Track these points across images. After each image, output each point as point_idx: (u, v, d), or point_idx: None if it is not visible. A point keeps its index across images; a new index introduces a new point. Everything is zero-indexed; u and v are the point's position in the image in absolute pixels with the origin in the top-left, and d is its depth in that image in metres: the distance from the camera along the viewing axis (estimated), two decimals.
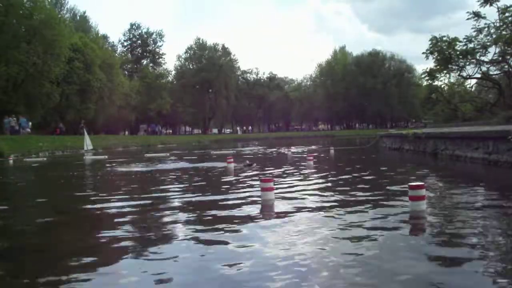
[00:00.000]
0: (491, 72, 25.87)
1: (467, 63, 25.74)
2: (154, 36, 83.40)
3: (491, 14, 24.24)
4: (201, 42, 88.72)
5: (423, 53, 26.55)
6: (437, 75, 27.63)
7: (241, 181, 9.72)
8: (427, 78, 28.74)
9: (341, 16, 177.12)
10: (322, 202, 6.42)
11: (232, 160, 13.96)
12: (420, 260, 3.49)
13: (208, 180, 10.63)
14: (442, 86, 29.57)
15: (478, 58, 24.95)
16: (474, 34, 24.34)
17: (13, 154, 24.56)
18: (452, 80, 30.10)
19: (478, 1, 24.10)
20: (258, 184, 7.32)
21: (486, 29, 24.02)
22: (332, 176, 10.09)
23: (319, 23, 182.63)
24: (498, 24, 23.71)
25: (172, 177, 11.51)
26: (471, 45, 24.59)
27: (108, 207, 6.54)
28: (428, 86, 32.28)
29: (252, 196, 7.07)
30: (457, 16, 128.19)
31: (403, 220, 5.01)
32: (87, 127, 35.38)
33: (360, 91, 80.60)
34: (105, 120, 53.59)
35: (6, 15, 34.31)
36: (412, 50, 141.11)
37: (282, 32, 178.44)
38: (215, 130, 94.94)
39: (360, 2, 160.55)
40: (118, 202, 6.94)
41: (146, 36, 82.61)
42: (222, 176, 11.31)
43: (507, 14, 23.25)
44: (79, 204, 7.17)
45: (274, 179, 7.16)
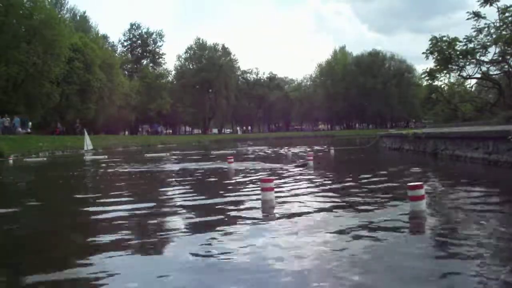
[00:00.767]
0: (491, 72, 25.85)
1: (467, 63, 25.73)
2: (154, 36, 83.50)
3: (491, 14, 24.23)
4: (201, 42, 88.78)
5: (423, 53, 26.54)
6: (437, 75, 27.62)
7: (241, 181, 9.73)
8: (427, 78, 28.73)
9: (341, 16, 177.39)
10: (321, 202, 6.41)
11: (232, 160, 13.94)
12: (420, 260, 3.49)
13: (208, 180, 10.62)
14: (442, 86, 29.56)
15: (478, 58, 24.94)
16: (474, 34, 24.34)
17: (13, 154, 24.56)
18: (452, 80, 30.09)
19: (478, 1, 24.09)
20: (258, 184, 7.31)
21: (486, 29, 24.01)
22: (331, 176, 10.08)
23: (319, 23, 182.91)
24: (498, 24, 23.70)
25: (172, 177, 11.50)
26: (471, 45, 24.57)
27: (108, 210, 6.33)
28: (428, 86, 32.27)
29: (252, 196, 7.07)
30: (457, 16, 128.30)
31: (403, 220, 5.01)
32: (86, 127, 35.29)
33: (360, 91, 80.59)
34: (105, 120, 53.60)
35: (6, 15, 34.32)
36: (412, 50, 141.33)
37: (282, 32, 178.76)
38: (215, 130, 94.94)
39: (360, 2, 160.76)
40: (119, 205, 6.72)
41: (146, 36, 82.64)
42: (222, 176, 11.30)
43: (507, 14, 23.24)
44: (77, 205, 7.11)
45: (274, 179, 7.15)
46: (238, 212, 5.84)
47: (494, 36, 23.68)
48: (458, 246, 3.84)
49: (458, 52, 25.05)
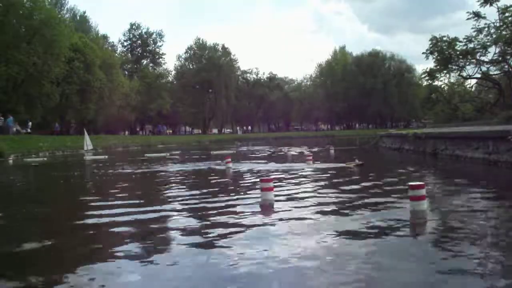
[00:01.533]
0: (491, 72, 25.88)
1: (467, 63, 25.76)
2: (154, 36, 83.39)
3: (491, 14, 24.25)
4: (201, 42, 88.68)
5: (423, 53, 26.57)
6: (437, 75, 27.65)
7: (241, 181, 9.73)
8: (427, 78, 28.76)
9: (341, 16, 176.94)
10: (321, 202, 6.41)
11: (230, 160, 13.93)
12: (420, 260, 3.48)
13: (208, 181, 10.62)
14: (442, 86, 29.59)
15: (478, 58, 24.96)
16: (474, 34, 24.36)
17: (13, 154, 24.56)
18: (452, 80, 30.14)
19: (478, 1, 24.11)
20: (258, 185, 7.31)
21: (486, 29, 24.04)
22: (331, 176, 10.08)
23: (319, 23, 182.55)
24: (498, 24, 23.71)
25: (172, 178, 11.47)
26: (471, 45, 24.60)
27: (107, 214, 6.14)
28: (428, 86, 32.29)
29: (252, 196, 7.07)
30: (457, 16, 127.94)
31: (403, 220, 5.01)
32: (86, 127, 35.21)
33: (360, 91, 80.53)
34: (105, 120, 53.57)
35: (6, 15, 34.29)
36: (412, 50, 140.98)
37: (282, 32, 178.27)
38: (215, 130, 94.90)
39: (360, 2, 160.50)
40: (120, 209, 6.47)
41: (146, 36, 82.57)
42: (222, 177, 11.30)
43: (507, 14, 23.26)
44: (76, 207, 7.10)
45: (274, 179, 7.16)
46: (237, 211, 5.84)
47: (494, 36, 23.69)
48: (458, 247, 3.84)
49: (458, 52, 25.07)
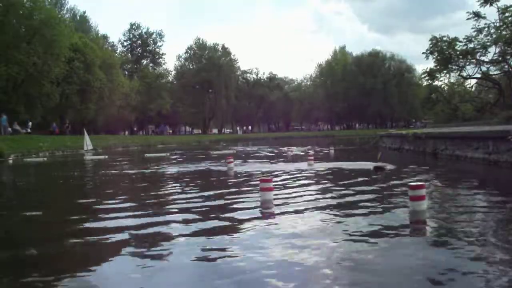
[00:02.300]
0: (491, 72, 25.90)
1: (467, 63, 25.80)
2: (154, 36, 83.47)
3: (491, 14, 24.29)
4: (201, 42, 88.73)
5: (423, 53, 26.62)
6: (437, 75, 27.69)
7: (241, 182, 9.73)
8: (427, 78, 28.80)
9: (341, 16, 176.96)
10: (321, 202, 6.41)
11: (232, 160, 13.92)
12: (420, 261, 3.48)
13: (208, 182, 10.62)
14: (442, 86, 29.63)
15: (478, 58, 25.00)
16: (474, 34, 24.40)
17: (13, 154, 24.56)
18: (452, 80, 30.18)
19: (478, 1, 24.14)
20: (257, 185, 7.30)
21: (486, 29, 24.08)
22: (331, 176, 10.08)
23: (319, 23, 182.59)
24: (498, 24, 23.74)
25: (172, 179, 11.47)
26: (471, 45, 24.64)
27: (108, 216, 5.97)
28: (428, 86, 32.33)
29: (252, 197, 7.07)
30: (457, 16, 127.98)
31: (403, 220, 5.01)
32: (85, 127, 35.23)
33: (360, 91, 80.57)
34: (105, 120, 53.57)
35: (6, 15, 34.29)
36: (412, 50, 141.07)
37: (282, 32, 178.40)
38: (215, 130, 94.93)
39: (360, 2, 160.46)
40: (120, 212, 6.23)
41: (146, 36, 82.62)
42: (222, 177, 11.30)
43: (507, 14, 23.28)
44: (76, 210, 6.93)
45: (273, 179, 7.15)
46: (238, 211, 5.84)
47: (494, 36, 23.72)
48: (458, 246, 3.84)
49: (458, 52, 25.11)
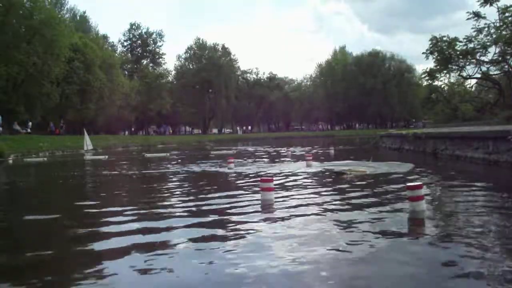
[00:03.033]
0: (491, 72, 25.91)
1: (467, 63, 25.81)
2: (154, 36, 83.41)
3: (491, 14, 24.30)
4: (201, 42, 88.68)
5: (423, 53, 26.63)
6: (437, 75, 27.69)
7: (241, 182, 9.73)
8: (427, 78, 28.81)
9: (341, 16, 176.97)
10: (320, 202, 6.41)
11: (232, 160, 13.91)
12: (420, 261, 3.48)
13: (208, 182, 10.61)
14: (442, 86, 29.62)
15: (478, 58, 25.00)
16: (474, 34, 24.41)
17: (13, 154, 24.56)
18: (452, 80, 30.20)
19: (478, 1, 24.15)
20: (258, 185, 7.30)
21: (486, 29, 24.09)
22: (331, 176, 10.08)
23: (319, 23, 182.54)
24: (498, 24, 23.74)
25: (172, 179, 11.45)
26: (471, 45, 24.65)
27: (108, 219, 5.85)
28: (428, 86, 32.33)
29: (252, 197, 7.07)
30: (457, 16, 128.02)
31: (403, 220, 5.00)
32: (85, 127, 35.22)
33: (360, 91, 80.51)
34: (105, 120, 53.55)
35: (6, 15, 34.27)
36: (412, 50, 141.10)
37: (282, 32, 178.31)
38: (215, 130, 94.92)
39: (360, 2, 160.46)
40: (120, 216, 6.07)
41: (146, 36, 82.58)
42: (222, 178, 11.30)
43: (507, 14, 23.29)
44: (76, 212, 6.78)
45: (273, 179, 7.15)
46: (238, 212, 5.84)
47: (494, 36, 23.72)
48: (458, 246, 3.84)
49: (458, 52, 25.11)
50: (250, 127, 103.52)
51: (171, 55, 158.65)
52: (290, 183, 8.81)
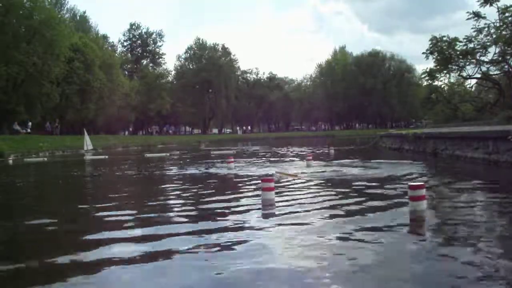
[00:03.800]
0: (491, 72, 25.90)
1: (467, 63, 25.80)
2: (154, 36, 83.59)
3: (491, 14, 24.29)
4: (201, 42, 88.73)
5: (423, 53, 26.62)
6: (437, 75, 27.68)
7: (241, 182, 9.73)
8: (427, 78, 28.80)
9: (341, 16, 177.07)
10: (320, 203, 6.40)
11: (233, 160, 13.91)
12: (421, 260, 3.48)
13: (208, 182, 10.61)
14: (442, 86, 29.62)
15: (478, 58, 25.00)
16: (474, 34, 24.40)
17: (13, 154, 24.57)
18: (452, 80, 30.20)
19: (478, 1, 24.14)
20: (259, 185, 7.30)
21: (486, 29, 24.08)
22: (331, 176, 10.08)
23: (319, 23, 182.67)
24: (498, 24, 23.74)
25: (172, 179, 11.44)
26: (471, 45, 24.64)
27: (109, 225, 5.61)
28: (428, 86, 32.33)
29: (252, 198, 7.07)
30: (457, 16, 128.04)
31: (403, 220, 5.01)
32: (85, 127, 35.21)
33: (360, 91, 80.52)
34: (105, 120, 53.59)
35: (6, 15, 34.29)
36: (412, 50, 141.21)
37: (282, 32, 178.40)
38: (215, 130, 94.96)
39: (360, 2, 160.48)
40: (119, 215, 6.02)
41: (146, 36, 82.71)
42: (222, 178, 11.30)
43: (507, 14, 23.29)
44: (76, 215, 6.70)
45: (274, 179, 7.15)
46: (238, 212, 5.84)
47: (494, 36, 23.72)
48: (458, 246, 3.85)
49: (458, 52, 25.11)
50: (250, 127, 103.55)
51: (171, 55, 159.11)
52: (290, 183, 8.80)
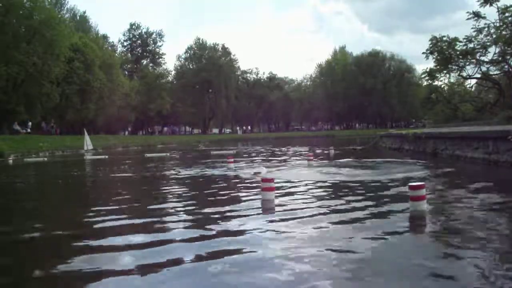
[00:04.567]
0: (491, 72, 25.90)
1: (467, 63, 25.80)
2: (154, 36, 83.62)
3: (491, 14, 24.29)
4: (201, 42, 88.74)
5: (423, 53, 26.61)
6: (437, 75, 27.68)
7: (241, 182, 9.72)
8: (427, 78, 28.79)
9: (341, 16, 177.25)
10: (321, 203, 6.41)
11: (232, 160, 13.91)
12: (421, 261, 3.48)
13: (208, 182, 10.61)
14: (442, 86, 29.62)
15: (478, 58, 25.00)
16: (474, 34, 24.40)
17: (13, 154, 24.56)
18: (452, 80, 30.20)
19: (478, 1, 24.14)
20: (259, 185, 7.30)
21: (486, 29, 24.08)
22: (331, 177, 10.08)
23: (319, 23, 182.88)
24: (498, 24, 23.74)
25: (172, 179, 11.42)
26: (471, 45, 24.64)
27: (110, 230, 5.33)
28: (428, 86, 32.33)
29: (252, 196, 7.07)
30: (457, 16, 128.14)
31: (404, 220, 5.01)
32: (86, 127, 35.23)
33: (360, 91, 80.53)
34: (105, 120, 53.59)
35: (6, 15, 34.27)
36: (412, 50, 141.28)
37: (282, 32, 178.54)
38: (215, 130, 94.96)
39: (360, 2, 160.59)
40: (121, 220, 5.80)
41: (146, 36, 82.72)
42: (222, 178, 11.29)
43: (507, 14, 23.29)
44: (76, 218, 6.74)
45: (274, 178, 7.14)
46: (238, 212, 5.84)
47: (494, 36, 23.72)
48: (458, 246, 3.85)
49: (458, 52, 25.11)
50: (250, 127, 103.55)
51: (171, 55, 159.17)
52: (290, 183, 8.80)
